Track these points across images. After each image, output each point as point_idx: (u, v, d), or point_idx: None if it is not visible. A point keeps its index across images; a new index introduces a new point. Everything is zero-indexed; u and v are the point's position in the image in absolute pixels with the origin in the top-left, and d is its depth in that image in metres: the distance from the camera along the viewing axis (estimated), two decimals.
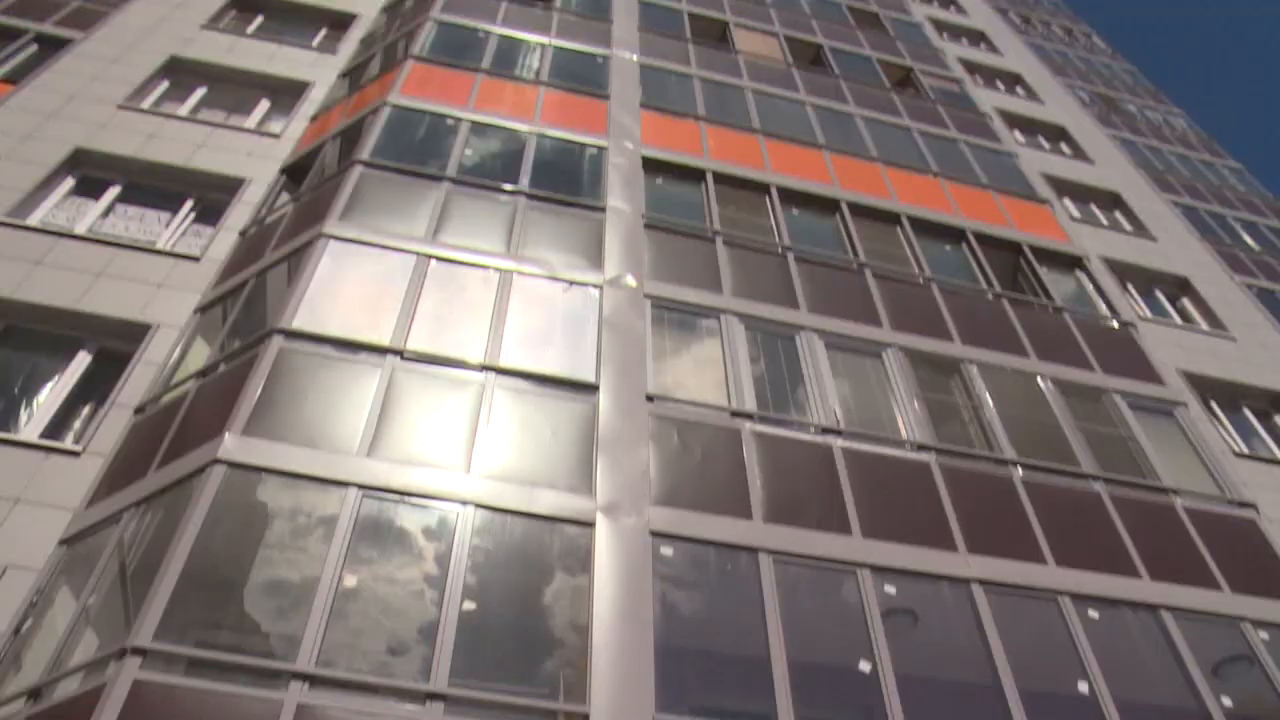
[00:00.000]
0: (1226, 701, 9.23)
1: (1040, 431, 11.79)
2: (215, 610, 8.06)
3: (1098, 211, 20.61)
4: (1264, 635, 9.99)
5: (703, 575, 8.98)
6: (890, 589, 9.00)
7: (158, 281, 11.47)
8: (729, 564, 8.91)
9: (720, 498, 9.44)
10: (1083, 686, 8.91)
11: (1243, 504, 11.80)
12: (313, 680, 6.92)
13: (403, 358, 9.70)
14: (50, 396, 10.22)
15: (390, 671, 7.40)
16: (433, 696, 7.04)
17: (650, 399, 10.26)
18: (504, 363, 10.01)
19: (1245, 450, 14.03)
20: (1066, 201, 20.03)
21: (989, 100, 23.64)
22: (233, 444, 8.34)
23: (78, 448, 9.42)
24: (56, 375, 10.46)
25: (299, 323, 9.80)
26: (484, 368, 9.88)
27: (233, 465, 8.23)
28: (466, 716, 7.04)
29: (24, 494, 8.89)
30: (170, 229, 12.79)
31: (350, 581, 7.84)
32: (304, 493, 8.36)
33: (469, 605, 7.80)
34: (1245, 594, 10.40)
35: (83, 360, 10.66)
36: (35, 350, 10.71)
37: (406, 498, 8.40)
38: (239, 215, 13.02)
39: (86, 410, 10.20)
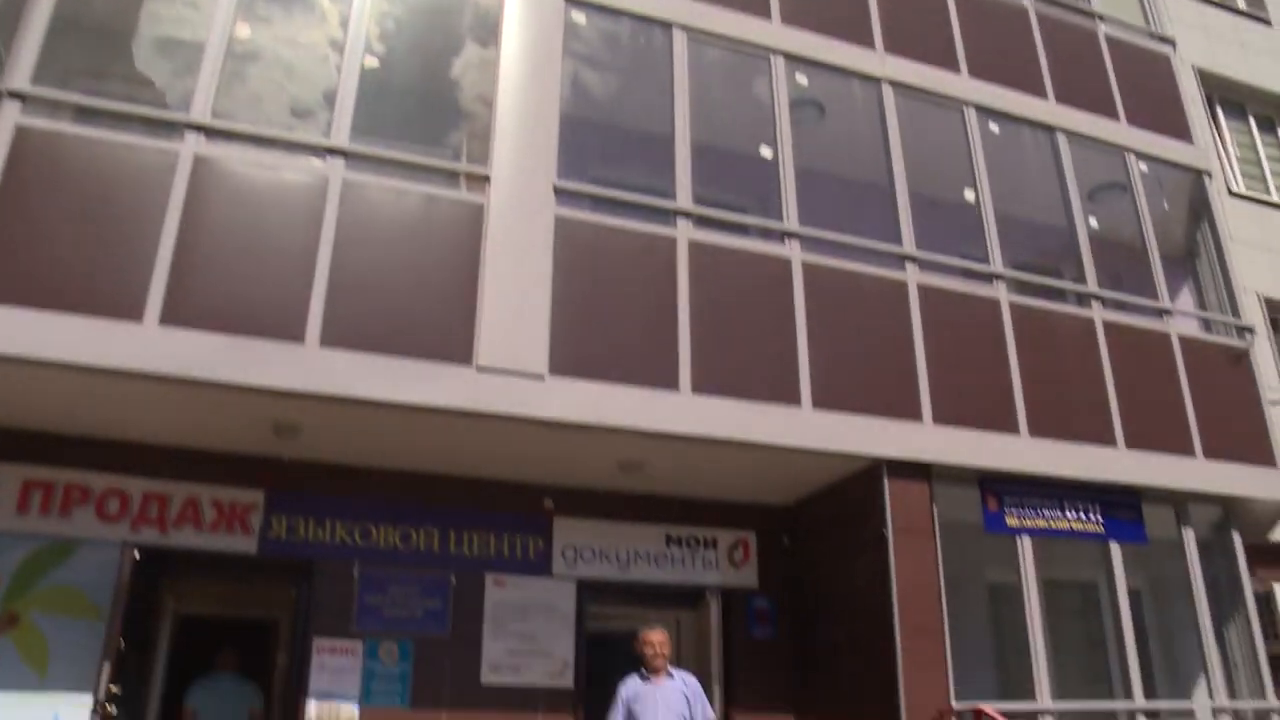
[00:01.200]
0: (1093, 223, 9.84)
1: None
2: (100, 59, 7.70)
3: None
4: (1143, 167, 10.41)
5: (614, 48, 8.70)
6: (802, 79, 8.91)
7: None
8: (642, 37, 8.60)
9: None
10: (969, 195, 9.32)
11: (1163, 38, 11.70)
12: (209, 132, 6.74)
13: None
14: None
15: (290, 128, 7.27)
16: (333, 151, 6.98)
17: None
18: None
19: None
20: None
21: None
22: None
23: None
24: None
25: None
26: None
27: None
28: (367, 173, 7.04)
29: None
30: None
31: (244, 33, 7.44)
32: None
33: (372, 63, 7.53)
34: (1138, 127, 10.65)
35: None
36: None
37: None
38: None
39: None
